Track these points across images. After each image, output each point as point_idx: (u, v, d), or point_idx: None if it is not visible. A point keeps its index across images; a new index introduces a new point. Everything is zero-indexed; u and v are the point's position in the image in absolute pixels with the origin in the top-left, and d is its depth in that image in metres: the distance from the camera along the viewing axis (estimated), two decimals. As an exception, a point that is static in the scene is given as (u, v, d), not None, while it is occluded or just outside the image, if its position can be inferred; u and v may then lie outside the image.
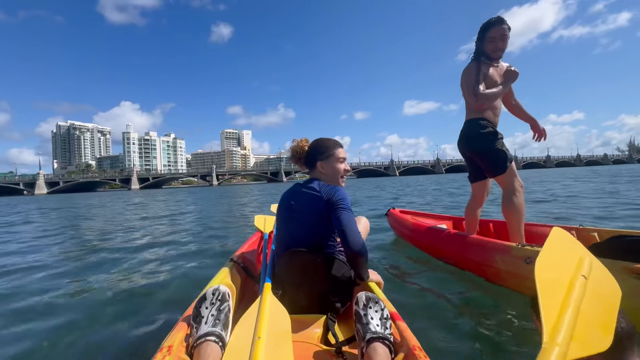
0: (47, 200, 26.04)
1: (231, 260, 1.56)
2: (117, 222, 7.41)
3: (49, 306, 2.13)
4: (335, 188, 1.36)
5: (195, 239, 4.48)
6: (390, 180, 35.28)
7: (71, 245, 4.55)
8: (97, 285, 2.54)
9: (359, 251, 1.23)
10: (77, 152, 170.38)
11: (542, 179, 17.81)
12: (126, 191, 58.71)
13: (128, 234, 5.40)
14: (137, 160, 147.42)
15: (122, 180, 76.27)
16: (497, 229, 2.75)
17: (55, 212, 12.23)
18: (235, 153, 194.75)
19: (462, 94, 2.30)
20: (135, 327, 1.73)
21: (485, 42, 2.16)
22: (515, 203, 2.07)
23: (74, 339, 1.66)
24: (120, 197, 25.21)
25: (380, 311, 1.02)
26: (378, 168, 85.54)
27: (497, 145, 2.14)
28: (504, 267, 1.89)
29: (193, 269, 2.89)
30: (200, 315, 0.97)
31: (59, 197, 38.82)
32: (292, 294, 1.29)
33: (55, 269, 3.16)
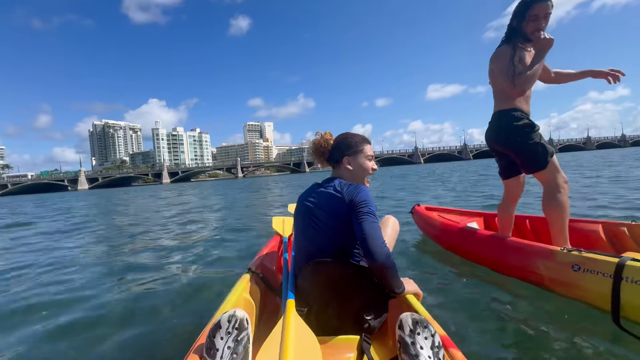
0: (91, 195, 28.02)
1: (249, 271, 1.43)
2: (151, 218, 7.75)
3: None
4: (358, 187, 1.21)
5: (219, 239, 4.23)
6: (415, 168, 34.36)
7: (109, 239, 4.83)
8: (99, 296, 2.32)
9: (383, 262, 1.08)
10: (112, 149, 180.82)
11: (580, 163, 16.56)
12: (158, 185, 61.81)
13: (155, 232, 5.37)
14: (166, 155, 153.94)
15: (154, 175, 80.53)
16: (535, 226, 2.46)
17: (94, 208, 13.10)
18: (258, 145, 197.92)
19: (491, 81, 2.08)
20: (137, 357, 1.52)
21: (526, 21, 1.86)
22: (559, 201, 1.85)
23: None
24: (155, 191, 26.61)
25: (431, 338, 0.88)
26: (402, 156, 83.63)
27: (535, 138, 1.90)
28: (547, 274, 1.71)
29: (210, 274, 2.65)
30: (214, 348, 0.86)
31: (100, 191, 41.70)
32: (319, 311, 1.16)
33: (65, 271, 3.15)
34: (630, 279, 1.34)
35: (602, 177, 8.53)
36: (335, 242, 1.20)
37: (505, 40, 1.98)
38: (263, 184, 24.94)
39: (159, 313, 1.95)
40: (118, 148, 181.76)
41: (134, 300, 2.20)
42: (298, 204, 1.36)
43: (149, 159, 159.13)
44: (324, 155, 1.41)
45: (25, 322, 2.00)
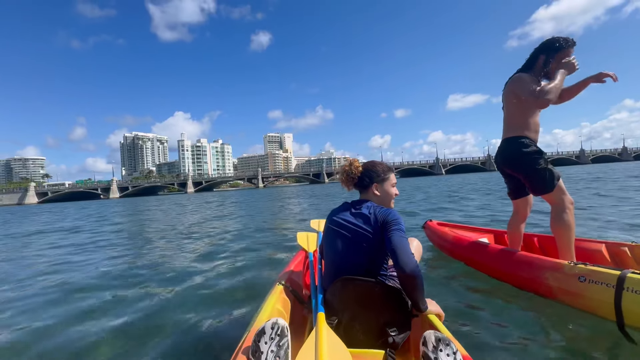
0: (124, 203, 29.67)
1: (280, 283, 1.52)
2: (180, 226, 8.19)
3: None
4: (388, 210, 1.34)
5: (247, 249, 4.38)
6: (435, 180, 33.76)
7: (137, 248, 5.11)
8: (132, 314, 2.32)
9: (412, 271, 1.14)
10: (141, 160, 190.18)
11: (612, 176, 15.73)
12: (183, 194, 64.22)
13: (184, 240, 5.59)
14: (191, 166, 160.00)
15: (180, 184, 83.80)
16: (543, 243, 2.61)
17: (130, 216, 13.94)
18: (278, 156, 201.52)
19: (505, 105, 2.22)
20: (185, 353, 1.67)
21: (555, 63, 2.03)
22: (565, 220, 1.99)
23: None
24: (180, 200, 27.79)
25: (453, 355, 0.93)
26: (422, 167, 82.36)
27: (542, 163, 2.06)
28: (556, 285, 1.85)
29: (242, 286, 2.74)
30: (259, 351, 0.94)
31: (130, 200, 43.95)
32: (347, 325, 1.23)
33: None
34: (631, 289, 1.50)
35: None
36: (365, 260, 1.28)
37: (526, 69, 2.13)
38: (284, 194, 25.41)
39: (198, 318, 2.09)
40: (146, 158, 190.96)
41: (175, 307, 2.36)
42: (329, 221, 1.45)
43: (174, 169, 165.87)
44: (353, 181, 1.52)
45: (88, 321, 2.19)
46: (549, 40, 2.08)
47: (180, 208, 16.57)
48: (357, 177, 1.51)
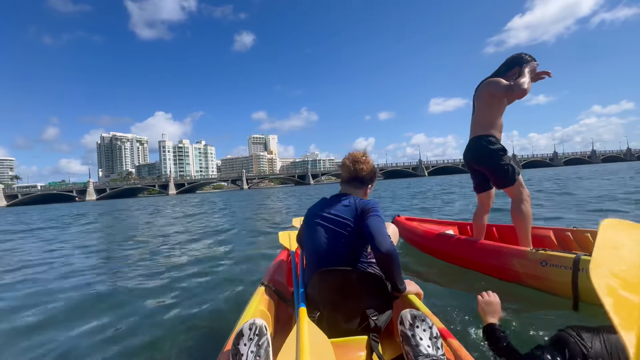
0: (101, 206, 28.56)
1: (262, 284, 1.52)
2: (163, 229, 8.02)
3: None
4: (368, 200, 1.40)
5: (230, 254, 4.22)
6: (420, 181, 34.56)
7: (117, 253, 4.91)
8: (120, 319, 2.25)
9: (387, 250, 1.18)
10: (119, 161, 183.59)
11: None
12: (164, 196, 62.49)
13: (162, 243, 5.36)
14: (172, 167, 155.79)
15: (161, 186, 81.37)
16: (500, 232, 2.90)
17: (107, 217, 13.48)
18: (263, 157, 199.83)
19: (477, 106, 2.39)
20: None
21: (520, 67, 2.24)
22: (524, 211, 2.22)
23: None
24: (162, 202, 27.07)
25: (429, 329, 0.96)
26: (406, 169, 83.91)
27: (506, 160, 2.29)
28: (521, 270, 2.03)
29: (224, 294, 2.59)
30: (239, 353, 0.95)
31: (108, 202, 42.36)
32: (329, 316, 1.25)
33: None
34: (585, 269, 1.69)
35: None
36: (346, 250, 1.31)
37: (499, 74, 2.31)
38: (271, 195, 25.24)
39: (182, 325, 2.03)
40: (124, 160, 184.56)
41: (155, 314, 2.27)
42: (308, 216, 1.46)
43: (154, 171, 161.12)
44: (359, 173, 1.47)
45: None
46: (519, 54, 2.32)
47: (164, 209, 16.14)
48: (364, 172, 1.48)
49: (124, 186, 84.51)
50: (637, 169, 19.17)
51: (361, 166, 1.47)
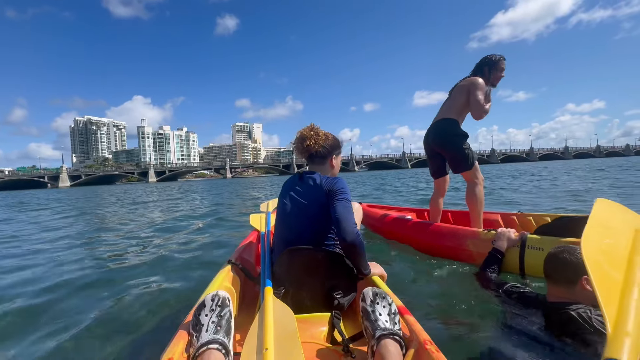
0: (77, 193, 27.35)
1: (229, 262, 1.50)
2: (140, 215, 7.86)
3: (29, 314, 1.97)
4: (336, 179, 1.37)
5: (200, 238, 4.19)
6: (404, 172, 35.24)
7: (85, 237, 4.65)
8: (83, 292, 2.27)
9: (352, 241, 1.20)
10: (95, 146, 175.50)
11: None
12: (144, 184, 60.54)
13: (133, 231, 5.15)
14: (152, 154, 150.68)
15: (140, 174, 78.72)
16: (454, 217, 3.12)
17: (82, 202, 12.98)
18: (247, 146, 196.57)
19: (456, 94, 2.48)
20: (131, 341, 1.58)
21: (497, 73, 2.43)
22: (477, 194, 2.37)
23: (59, 354, 1.50)
24: (145, 189, 26.26)
25: (388, 306, 1.00)
26: (390, 160, 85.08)
27: (467, 145, 2.43)
28: (475, 250, 2.14)
29: (190, 272, 2.65)
30: (200, 324, 0.93)
31: (84, 189, 40.56)
32: (294, 293, 1.27)
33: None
34: (530, 246, 1.88)
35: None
36: (313, 229, 1.32)
37: (477, 74, 2.47)
38: (255, 184, 25.02)
39: (145, 304, 2.00)
40: (101, 145, 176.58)
41: (119, 293, 2.23)
42: (281, 194, 1.46)
43: (133, 158, 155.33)
44: (311, 149, 1.45)
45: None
46: (489, 56, 2.48)
47: (145, 196, 15.69)
48: (319, 146, 1.45)
49: (100, 173, 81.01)
50: (590, 167, 20.30)
51: (309, 142, 1.44)
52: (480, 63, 2.48)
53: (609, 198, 0.95)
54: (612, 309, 0.60)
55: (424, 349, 0.86)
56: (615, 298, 0.62)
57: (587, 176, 11.89)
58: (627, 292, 0.63)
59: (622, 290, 0.64)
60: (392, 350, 0.85)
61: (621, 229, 0.79)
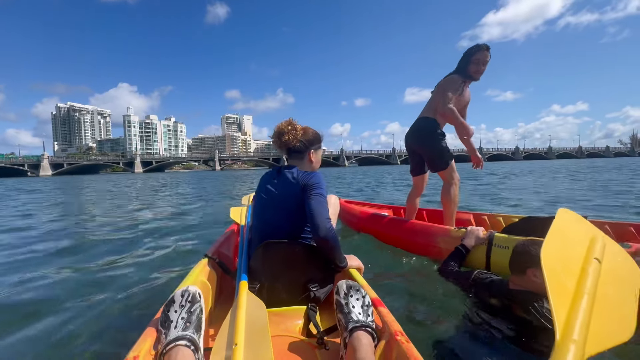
0: (57, 182, 26.53)
1: (205, 257, 1.48)
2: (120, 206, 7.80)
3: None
4: (312, 174, 1.36)
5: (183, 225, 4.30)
6: (392, 169, 35.58)
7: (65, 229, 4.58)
8: (53, 288, 2.21)
9: (325, 235, 1.21)
10: (77, 134, 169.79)
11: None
12: (130, 174, 59.16)
13: (123, 220, 5.17)
14: (138, 144, 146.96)
15: (126, 164, 76.62)
16: (429, 215, 3.21)
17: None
18: (236, 138, 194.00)
19: (434, 94, 2.50)
20: (98, 337, 1.54)
21: (470, 64, 2.36)
22: (451, 194, 2.41)
23: (21, 352, 1.46)
24: (130, 180, 25.69)
25: (362, 299, 1.01)
26: (380, 156, 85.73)
27: (444, 144, 2.46)
28: (445, 247, 2.18)
29: (167, 267, 2.60)
30: (169, 320, 0.90)
31: (66, 178, 39.33)
32: (270, 287, 1.28)
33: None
34: (497, 244, 1.94)
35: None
36: (289, 223, 1.33)
37: (457, 72, 2.44)
38: (243, 176, 24.83)
39: (118, 298, 1.97)
40: (84, 133, 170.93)
41: (90, 286, 2.22)
42: (259, 186, 1.47)
43: (118, 147, 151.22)
44: (289, 144, 1.45)
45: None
46: (471, 47, 2.43)
47: (128, 186, 15.38)
48: (296, 140, 1.45)
49: (84, 162, 78.44)
50: (563, 170, 20.99)
51: (287, 137, 1.43)
52: (462, 57, 2.45)
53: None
54: (562, 316, 0.61)
55: (394, 339, 0.87)
56: (566, 305, 0.64)
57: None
58: (577, 301, 0.64)
59: (573, 299, 0.65)
60: (364, 341, 0.87)
61: (577, 240, 0.82)
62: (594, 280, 0.70)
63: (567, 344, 0.57)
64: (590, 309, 0.64)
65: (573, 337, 0.58)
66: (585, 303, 0.64)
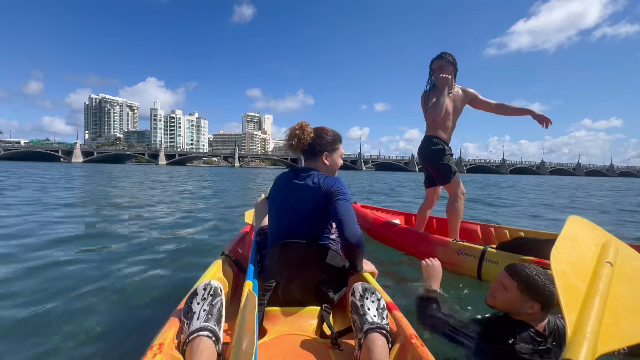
0: (90, 168, 28.05)
1: (222, 254, 1.51)
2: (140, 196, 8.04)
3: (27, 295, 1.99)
4: (335, 179, 1.34)
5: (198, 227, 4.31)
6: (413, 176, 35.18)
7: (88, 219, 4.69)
8: (81, 276, 2.32)
9: (357, 242, 1.22)
10: (107, 125, 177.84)
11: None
12: (154, 166, 61.40)
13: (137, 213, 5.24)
14: (163, 137, 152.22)
15: (151, 155, 79.64)
16: (438, 224, 3.35)
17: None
18: (256, 136, 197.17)
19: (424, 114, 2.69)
20: (123, 325, 1.64)
21: (433, 72, 2.58)
22: (455, 207, 2.56)
23: (54, 338, 1.51)
24: (155, 171, 26.75)
25: (377, 301, 1.02)
26: (398, 162, 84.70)
27: (445, 160, 2.58)
28: (443, 258, 2.21)
29: (183, 262, 2.71)
30: (191, 311, 0.94)
31: (96, 165, 41.45)
32: (285, 286, 1.29)
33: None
34: (488, 259, 2.14)
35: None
36: (307, 226, 1.33)
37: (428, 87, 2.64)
38: (264, 174, 25.28)
39: (139, 290, 2.07)
40: (113, 124, 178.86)
41: (113, 278, 2.31)
42: (276, 189, 1.44)
43: (144, 139, 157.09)
44: (302, 147, 1.43)
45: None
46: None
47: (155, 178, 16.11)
48: (307, 143, 1.43)
49: (112, 151, 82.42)
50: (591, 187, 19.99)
51: (298, 139, 1.42)
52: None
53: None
54: (572, 315, 0.63)
55: (409, 343, 0.88)
56: (577, 305, 0.66)
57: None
58: (589, 301, 0.66)
59: (584, 299, 0.67)
60: (379, 343, 0.88)
61: (589, 244, 0.84)
62: (606, 282, 0.71)
63: (579, 340, 0.59)
64: (602, 309, 0.65)
65: (585, 333, 0.59)
66: (597, 303, 0.66)
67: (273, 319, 1.20)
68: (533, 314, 1.14)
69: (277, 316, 1.21)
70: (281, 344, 1.08)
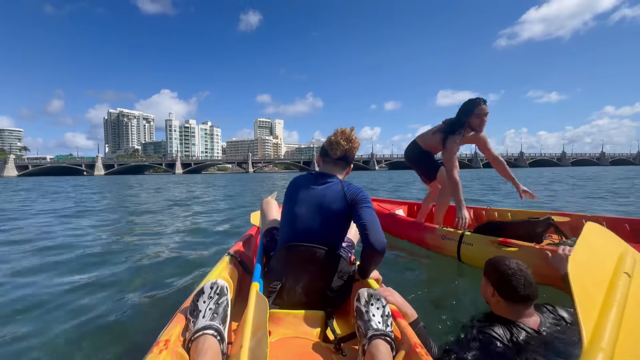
0: (112, 181, 29.17)
1: (228, 255, 1.52)
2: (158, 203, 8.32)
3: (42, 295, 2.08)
4: (358, 188, 1.35)
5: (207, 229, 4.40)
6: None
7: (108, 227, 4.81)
8: (91, 275, 2.42)
9: (382, 249, 1.20)
10: (125, 138, 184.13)
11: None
12: (171, 175, 63.20)
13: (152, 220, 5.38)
14: (178, 147, 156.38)
15: (168, 165, 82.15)
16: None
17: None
18: (268, 142, 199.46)
19: (435, 141, 2.80)
20: (130, 321, 1.68)
21: (472, 117, 2.61)
22: (441, 201, 2.90)
23: (66, 331, 1.59)
24: (173, 181, 27.56)
25: (382, 308, 1.01)
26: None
27: (427, 163, 2.97)
28: (432, 242, 2.75)
29: (190, 261, 2.81)
30: (197, 309, 0.95)
31: (117, 177, 43.08)
32: (290, 288, 1.29)
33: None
34: (465, 242, 2.43)
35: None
36: (322, 231, 1.32)
37: (454, 126, 2.67)
38: (278, 178, 25.58)
39: (152, 286, 2.14)
40: (131, 137, 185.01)
41: (122, 276, 2.43)
42: (290, 192, 1.43)
43: (160, 149, 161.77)
44: (349, 152, 1.42)
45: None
46: (465, 103, 2.68)
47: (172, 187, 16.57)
48: (351, 151, 1.43)
49: (131, 163, 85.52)
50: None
51: (353, 145, 1.41)
52: (460, 111, 2.68)
53: None
54: (589, 325, 0.63)
55: (414, 352, 0.87)
56: (594, 315, 0.65)
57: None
58: (606, 311, 0.66)
59: (602, 309, 0.66)
60: (383, 350, 0.88)
61: (605, 254, 0.84)
62: (623, 293, 0.70)
63: (595, 350, 0.58)
64: (620, 320, 0.64)
65: (601, 344, 0.59)
66: (614, 314, 0.65)
67: (277, 321, 1.20)
68: (497, 302, 1.12)
69: (281, 318, 1.21)
70: (285, 347, 1.08)
